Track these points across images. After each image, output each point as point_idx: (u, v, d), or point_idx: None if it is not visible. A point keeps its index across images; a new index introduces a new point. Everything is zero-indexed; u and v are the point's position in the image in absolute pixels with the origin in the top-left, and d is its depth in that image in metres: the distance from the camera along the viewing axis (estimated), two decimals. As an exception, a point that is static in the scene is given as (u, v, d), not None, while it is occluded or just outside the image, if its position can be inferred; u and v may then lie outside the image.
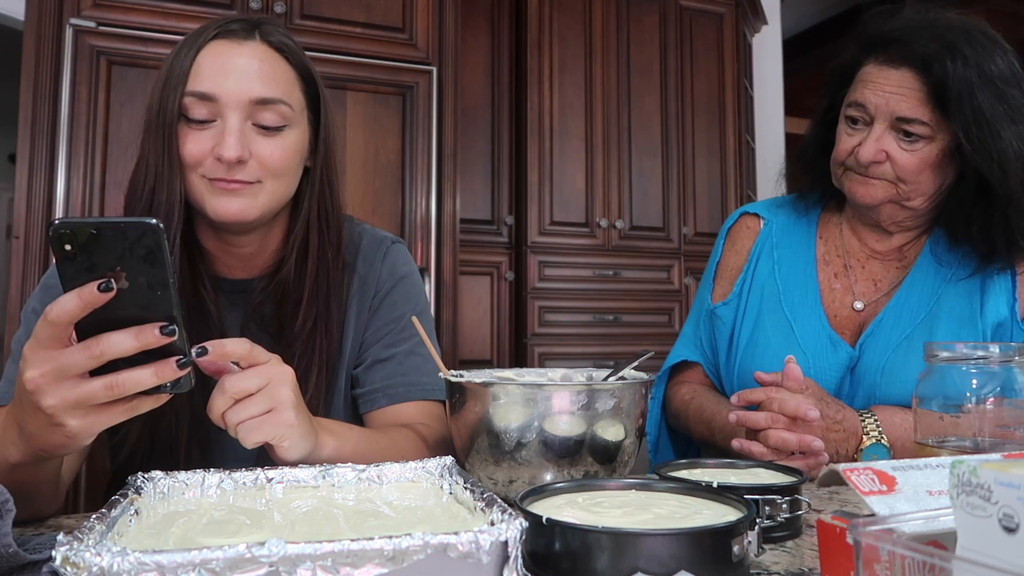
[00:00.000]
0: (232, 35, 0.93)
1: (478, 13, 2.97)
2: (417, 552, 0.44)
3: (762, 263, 1.22)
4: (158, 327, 0.60)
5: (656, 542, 0.51)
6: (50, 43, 1.99)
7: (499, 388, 0.78)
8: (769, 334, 1.16)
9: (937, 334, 1.08)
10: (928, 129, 1.01)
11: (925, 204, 1.08)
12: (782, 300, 1.17)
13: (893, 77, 1.02)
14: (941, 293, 1.10)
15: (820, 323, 1.14)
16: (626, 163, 3.08)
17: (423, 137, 2.35)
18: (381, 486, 0.66)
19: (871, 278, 1.16)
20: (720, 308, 1.23)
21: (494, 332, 2.96)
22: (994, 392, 0.78)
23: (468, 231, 2.83)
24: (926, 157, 1.02)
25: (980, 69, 0.98)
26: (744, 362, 1.18)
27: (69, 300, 0.58)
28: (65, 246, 0.58)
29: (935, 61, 0.99)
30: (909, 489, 0.49)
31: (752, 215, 1.27)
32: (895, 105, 1.01)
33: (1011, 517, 0.33)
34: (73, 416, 0.62)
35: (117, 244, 0.58)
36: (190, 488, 0.63)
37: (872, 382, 1.09)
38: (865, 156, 1.04)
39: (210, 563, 0.41)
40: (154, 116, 0.91)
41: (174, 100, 0.90)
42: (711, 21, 3.31)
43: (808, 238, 1.21)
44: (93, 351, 0.60)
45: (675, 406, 1.23)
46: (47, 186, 1.97)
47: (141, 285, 0.59)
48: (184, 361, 0.62)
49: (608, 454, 0.79)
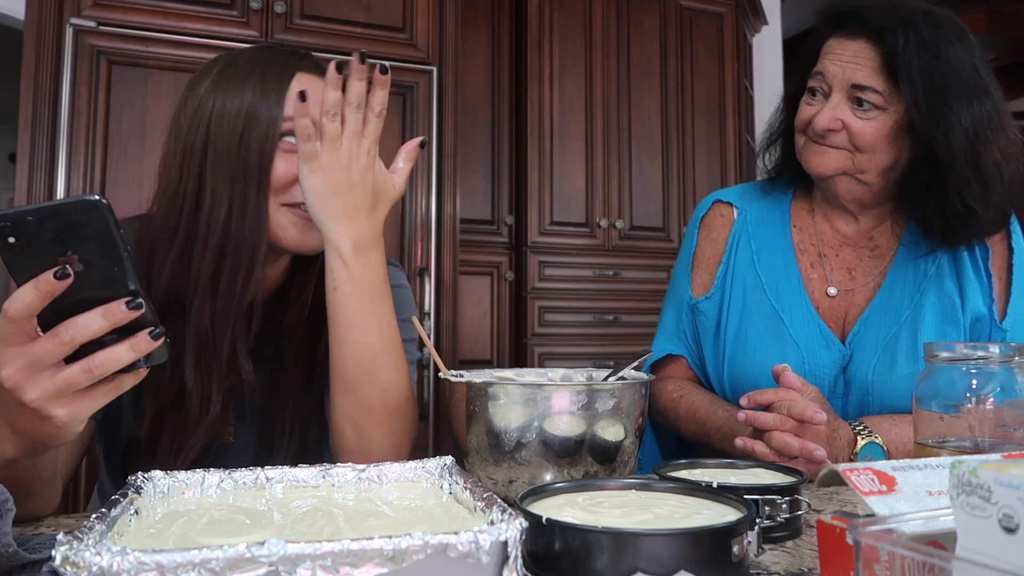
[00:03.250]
0: (308, 69, 0.96)
1: (478, 13, 2.97)
2: (417, 552, 0.44)
3: (740, 253, 1.21)
4: (123, 302, 0.59)
5: (656, 542, 0.51)
6: (50, 43, 1.99)
7: (499, 388, 0.78)
8: (758, 326, 1.16)
9: (922, 330, 1.09)
10: (881, 98, 1.04)
11: (880, 180, 1.10)
12: (766, 290, 1.17)
13: (851, 48, 1.06)
14: (924, 290, 1.11)
15: (808, 312, 1.14)
16: (626, 163, 3.08)
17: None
18: (381, 486, 0.66)
19: (845, 267, 1.17)
20: (703, 303, 1.22)
21: (494, 332, 2.96)
22: (994, 392, 0.78)
23: (468, 231, 2.83)
24: (881, 128, 1.05)
25: (935, 45, 1.02)
26: (733, 356, 1.17)
27: (27, 293, 0.57)
28: (8, 239, 0.56)
29: (888, 32, 1.03)
30: (909, 489, 0.49)
31: (725, 203, 1.27)
32: (850, 74, 1.05)
33: (1011, 517, 0.33)
34: (58, 405, 0.61)
35: (62, 228, 0.56)
36: (190, 488, 0.63)
37: (865, 379, 1.10)
38: (820, 123, 1.07)
39: (210, 563, 0.41)
40: (240, 163, 0.90)
41: (270, 142, 0.90)
42: (711, 21, 3.31)
43: (783, 227, 1.22)
44: (63, 338, 0.59)
45: (662, 404, 1.21)
46: (47, 186, 1.97)
47: (96, 265, 0.58)
48: (157, 332, 0.61)
49: (608, 454, 0.79)
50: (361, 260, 0.87)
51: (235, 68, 0.93)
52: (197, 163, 0.91)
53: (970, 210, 1.03)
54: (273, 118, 0.90)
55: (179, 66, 2.11)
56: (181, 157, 0.92)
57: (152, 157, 2.04)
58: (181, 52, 2.11)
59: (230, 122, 0.90)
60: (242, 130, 0.90)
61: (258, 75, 0.92)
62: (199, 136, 0.91)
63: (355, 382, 0.89)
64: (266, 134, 0.90)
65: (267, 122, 0.90)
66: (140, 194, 2.00)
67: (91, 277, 0.58)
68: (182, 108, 0.95)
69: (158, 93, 2.09)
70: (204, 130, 0.91)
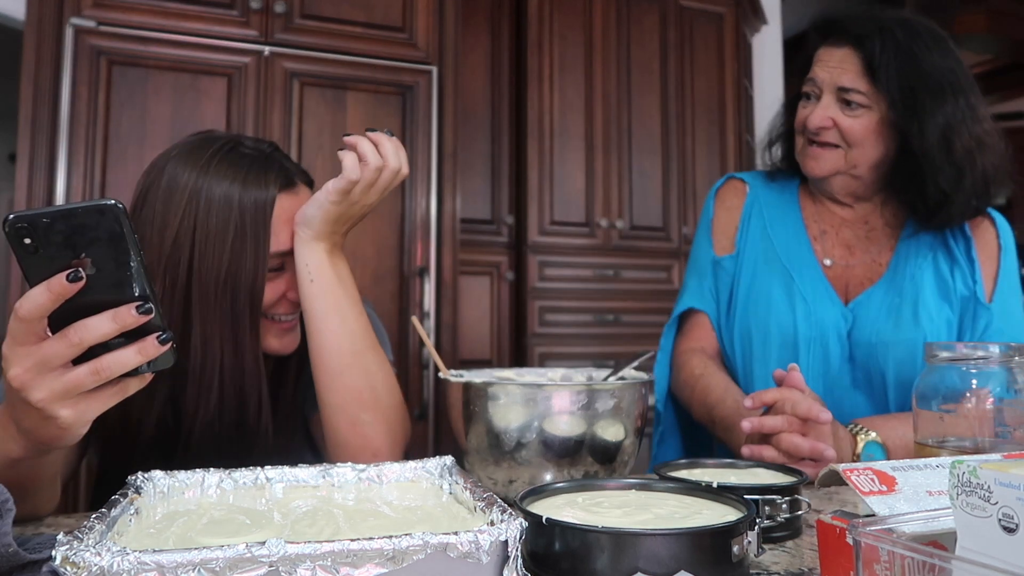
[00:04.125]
0: (287, 188, 0.96)
1: (478, 13, 2.97)
2: (417, 552, 0.44)
3: (753, 222, 1.32)
4: (134, 307, 0.59)
5: (656, 542, 0.51)
6: (50, 43, 1.99)
7: (499, 388, 0.78)
8: (770, 282, 1.25)
9: (922, 301, 1.18)
10: (865, 98, 1.16)
11: (871, 173, 1.21)
12: (779, 252, 1.27)
13: (836, 55, 1.19)
14: (922, 268, 1.21)
15: (817, 273, 1.24)
16: (626, 163, 3.07)
17: (423, 137, 2.35)
18: (381, 486, 0.66)
19: (844, 244, 1.28)
20: (725, 260, 1.31)
21: (494, 332, 2.96)
22: (994, 392, 0.78)
23: (468, 231, 2.83)
24: (867, 124, 1.17)
25: (910, 49, 1.14)
26: (746, 309, 1.26)
27: (39, 294, 0.58)
28: (24, 240, 0.57)
29: (868, 39, 1.15)
30: (909, 489, 0.49)
31: (738, 180, 1.38)
32: (837, 77, 1.17)
33: (1011, 517, 0.33)
34: (64, 406, 0.62)
35: (78, 231, 0.57)
36: (190, 488, 0.63)
37: (869, 342, 1.18)
38: (814, 122, 1.19)
39: (210, 563, 0.41)
40: (228, 311, 0.90)
41: (258, 292, 0.92)
42: (711, 21, 3.31)
43: (792, 203, 1.33)
44: (72, 339, 0.59)
45: (684, 377, 1.25)
46: (47, 186, 1.97)
47: (108, 268, 0.58)
48: (164, 337, 0.61)
49: (608, 454, 0.79)
50: (338, 252, 0.95)
51: (210, 195, 0.90)
52: (181, 293, 0.90)
53: (945, 194, 1.14)
54: (260, 265, 0.91)
55: (179, 66, 2.11)
56: (163, 271, 0.90)
57: (152, 157, 2.03)
58: (181, 52, 2.11)
59: (215, 260, 0.89)
60: (226, 277, 0.90)
61: (237, 216, 0.90)
62: (182, 259, 0.89)
63: (340, 368, 0.92)
64: (252, 288, 0.91)
65: (253, 275, 0.90)
66: (135, 188, 2.00)
67: (103, 280, 0.59)
68: (156, 191, 0.92)
69: (158, 93, 2.09)
70: (187, 257, 0.89)
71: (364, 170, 0.89)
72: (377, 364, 0.95)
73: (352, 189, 0.90)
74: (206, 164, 0.92)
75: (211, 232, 0.89)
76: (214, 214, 0.90)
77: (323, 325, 0.92)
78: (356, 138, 0.91)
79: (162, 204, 0.90)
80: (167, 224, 0.89)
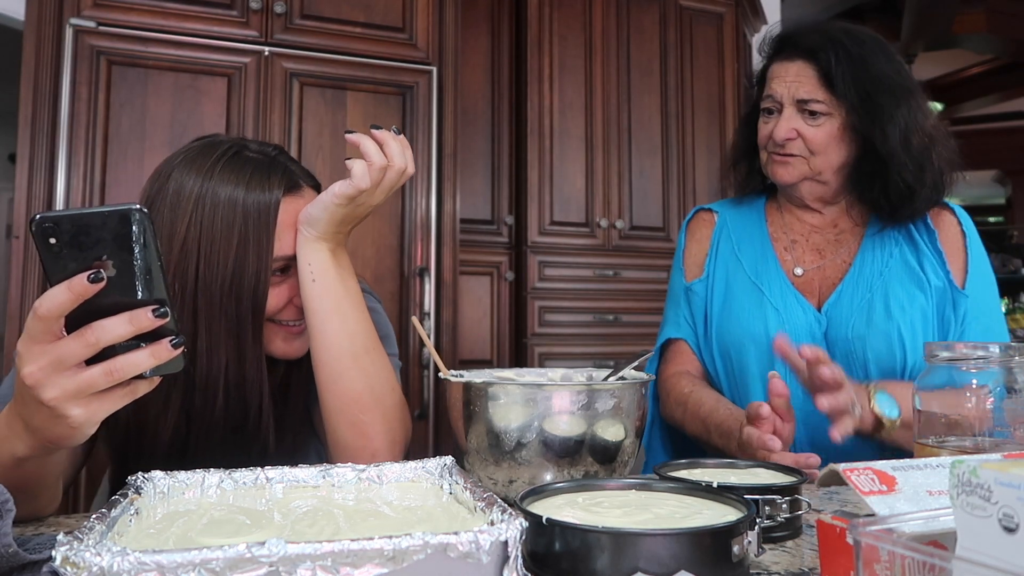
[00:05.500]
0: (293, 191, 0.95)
1: (478, 13, 2.97)
2: (417, 552, 0.44)
3: (723, 246, 1.38)
4: (150, 310, 0.60)
5: (656, 542, 0.51)
6: (50, 43, 1.99)
7: (499, 388, 0.78)
8: (741, 298, 1.30)
9: (892, 292, 1.22)
10: (825, 106, 1.22)
11: (836, 178, 1.27)
12: (747, 271, 1.32)
13: (792, 69, 1.24)
14: (889, 264, 1.26)
15: (785, 284, 1.29)
16: (626, 163, 3.07)
17: (423, 137, 2.35)
18: (381, 486, 0.66)
19: (815, 248, 1.32)
20: (695, 284, 1.37)
21: (494, 332, 2.96)
22: (994, 392, 0.78)
23: (468, 231, 2.83)
24: (830, 131, 1.22)
25: (861, 58, 1.20)
26: (721, 326, 1.31)
27: (59, 293, 0.58)
28: (49, 240, 0.58)
29: (821, 51, 1.21)
30: (909, 489, 0.49)
31: (706, 210, 1.46)
32: (795, 91, 1.23)
33: (1011, 517, 0.33)
34: (75, 405, 0.62)
35: (102, 233, 0.58)
36: (190, 488, 0.63)
37: (845, 338, 1.21)
38: (779, 135, 1.24)
39: (210, 563, 0.41)
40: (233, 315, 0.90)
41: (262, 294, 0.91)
42: (711, 21, 3.31)
43: (759, 223, 1.38)
44: (89, 339, 0.60)
45: (674, 397, 1.28)
46: (47, 186, 1.97)
47: (128, 271, 0.59)
48: (177, 341, 0.62)
49: (608, 454, 0.80)
50: (341, 251, 0.95)
51: (215, 200, 0.90)
52: (190, 298, 0.90)
53: (910, 188, 1.20)
54: (263, 268, 0.91)
55: (179, 66, 2.11)
56: (173, 277, 0.90)
57: (152, 157, 2.04)
58: (181, 52, 2.11)
59: (220, 265, 0.89)
60: (231, 281, 0.90)
61: (241, 220, 0.90)
62: (190, 266, 0.89)
63: (340, 370, 0.92)
64: (255, 291, 0.90)
65: (256, 278, 0.90)
66: (140, 194, 2.00)
67: (122, 282, 0.60)
68: (164, 199, 0.92)
69: (158, 93, 2.09)
70: (195, 263, 0.89)
71: (369, 170, 0.89)
72: (378, 365, 0.95)
73: (359, 195, 0.90)
74: (211, 169, 0.92)
75: (216, 236, 0.89)
76: (219, 218, 0.90)
77: (324, 325, 0.92)
78: (359, 136, 0.90)
79: (169, 211, 0.90)
80: (175, 231, 0.89)
